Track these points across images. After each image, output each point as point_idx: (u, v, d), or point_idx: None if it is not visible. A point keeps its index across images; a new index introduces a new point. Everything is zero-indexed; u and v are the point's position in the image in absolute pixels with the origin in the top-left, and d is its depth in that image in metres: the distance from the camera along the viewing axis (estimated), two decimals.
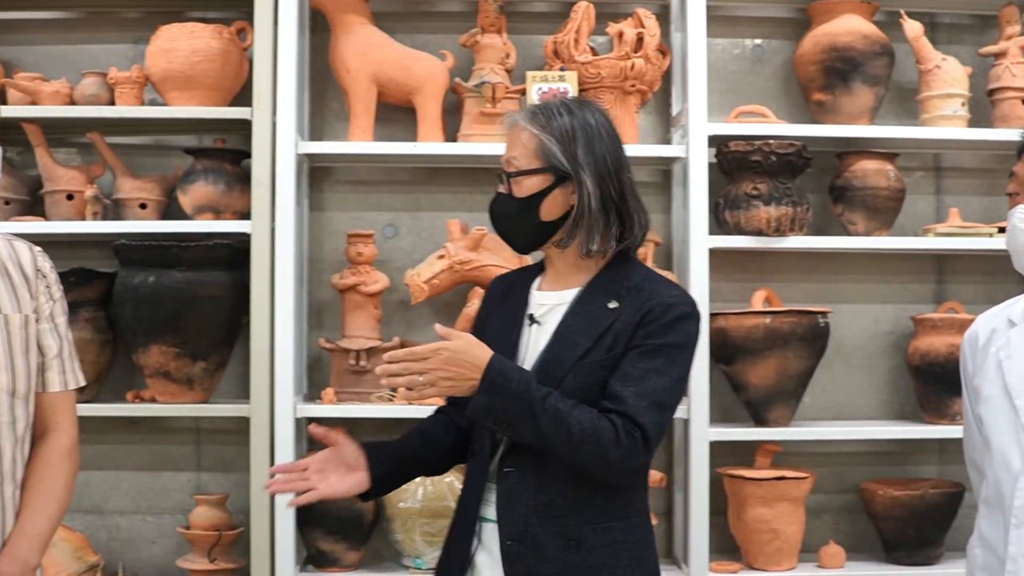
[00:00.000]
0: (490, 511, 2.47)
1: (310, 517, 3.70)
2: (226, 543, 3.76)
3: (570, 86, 3.76)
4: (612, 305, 2.41)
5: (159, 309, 3.71)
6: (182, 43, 3.82)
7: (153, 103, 4.00)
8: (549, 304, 2.51)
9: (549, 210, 2.45)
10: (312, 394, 3.98)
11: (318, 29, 4.01)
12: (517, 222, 2.51)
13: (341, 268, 3.91)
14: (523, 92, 3.82)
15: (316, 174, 4.08)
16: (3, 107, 3.86)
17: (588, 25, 3.87)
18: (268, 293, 3.68)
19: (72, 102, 3.90)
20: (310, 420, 3.81)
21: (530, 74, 3.79)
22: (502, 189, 2.52)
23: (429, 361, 2.30)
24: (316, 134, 4.07)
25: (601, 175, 2.42)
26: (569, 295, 2.48)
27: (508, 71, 3.92)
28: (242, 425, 3.74)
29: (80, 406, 3.72)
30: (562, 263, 2.52)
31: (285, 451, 3.61)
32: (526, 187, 2.46)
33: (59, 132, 4.06)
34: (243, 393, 3.87)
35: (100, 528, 4.04)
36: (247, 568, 3.71)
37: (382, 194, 4.11)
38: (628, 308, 2.40)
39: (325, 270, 4.04)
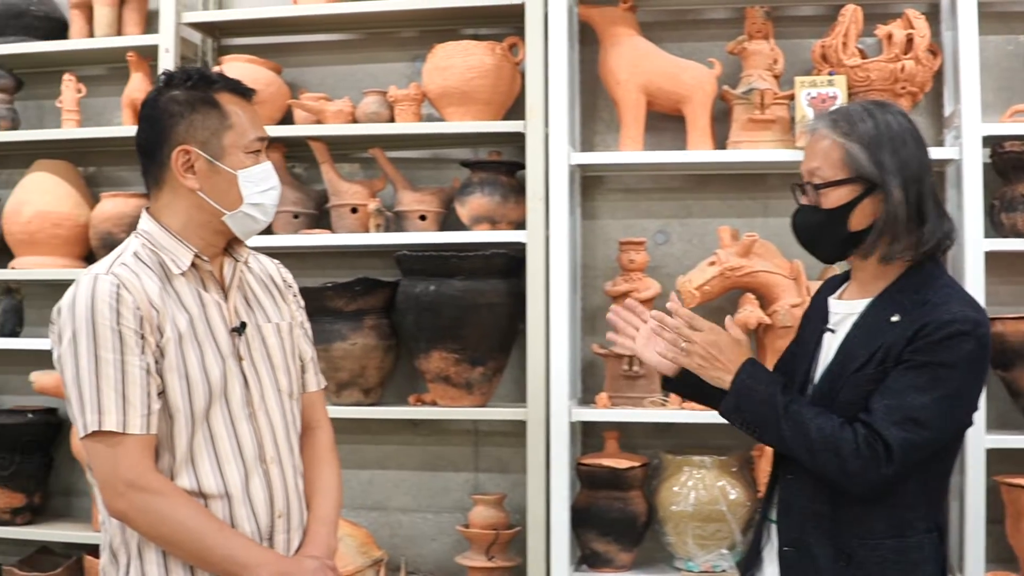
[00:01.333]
0: (774, 513, 2.52)
1: (585, 518, 3.79)
2: (503, 542, 3.89)
3: (839, 90, 3.73)
4: (895, 319, 2.35)
5: (439, 317, 3.86)
6: (457, 60, 3.96)
7: (430, 118, 4.18)
8: (842, 313, 2.50)
9: (858, 220, 2.40)
10: (586, 398, 4.06)
11: (587, 42, 4.08)
12: (824, 234, 2.46)
13: (613, 275, 3.99)
14: (791, 98, 3.81)
15: (588, 183, 4.16)
16: (291, 126, 4.11)
17: (856, 28, 3.83)
18: (543, 300, 3.78)
19: (354, 120, 4.10)
20: (584, 424, 3.93)
21: (799, 79, 3.77)
22: (805, 200, 2.48)
23: (698, 335, 2.45)
24: (587, 144, 4.15)
25: (907, 181, 2.35)
26: (860, 305, 2.45)
27: (776, 77, 3.91)
28: (519, 428, 3.87)
29: (365, 408, 4.02)
30: (863, 273, 2.48)
31: (561, 453, 3.71)
32: (834, 198, 2.41)
33: (343, 148, 4.28)
34: (519, 397, 4.01)
35: (383, 525, 4.24)
36: (523, 567, 3.83)
37: (652, 201, 4.16)
38: (906, 322, 2.33)
39: (598, 277, 4.12)
